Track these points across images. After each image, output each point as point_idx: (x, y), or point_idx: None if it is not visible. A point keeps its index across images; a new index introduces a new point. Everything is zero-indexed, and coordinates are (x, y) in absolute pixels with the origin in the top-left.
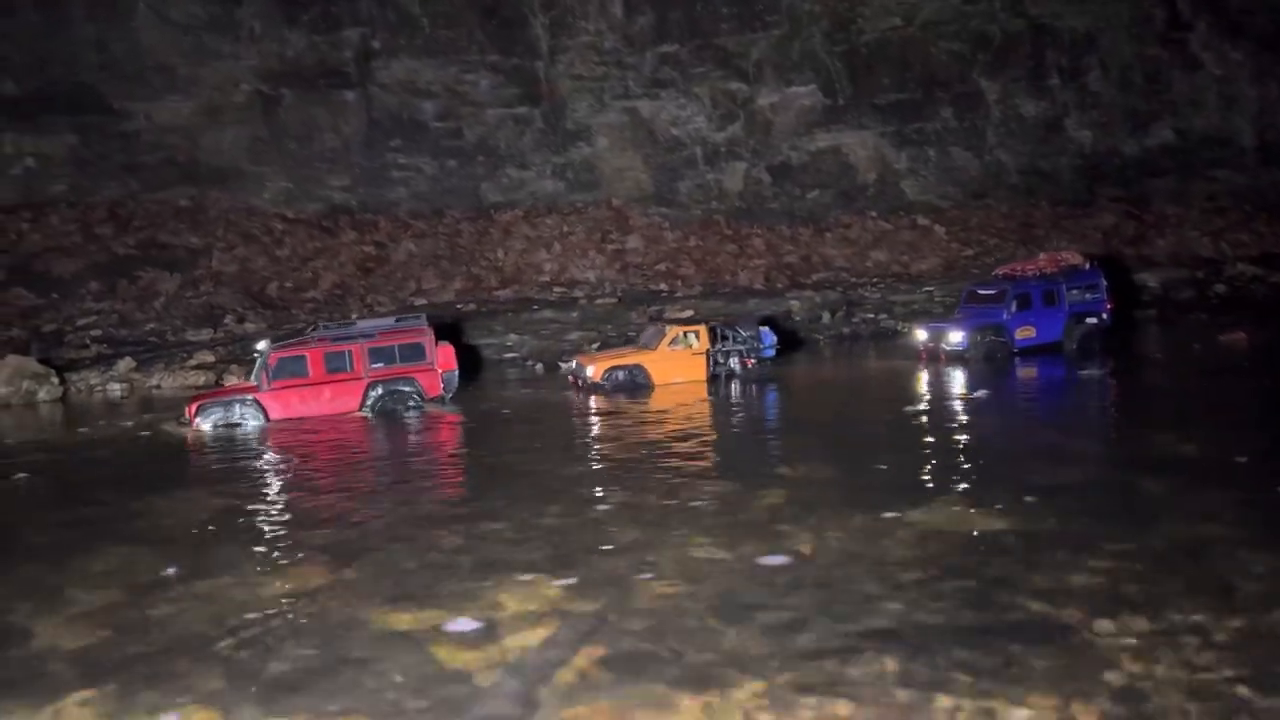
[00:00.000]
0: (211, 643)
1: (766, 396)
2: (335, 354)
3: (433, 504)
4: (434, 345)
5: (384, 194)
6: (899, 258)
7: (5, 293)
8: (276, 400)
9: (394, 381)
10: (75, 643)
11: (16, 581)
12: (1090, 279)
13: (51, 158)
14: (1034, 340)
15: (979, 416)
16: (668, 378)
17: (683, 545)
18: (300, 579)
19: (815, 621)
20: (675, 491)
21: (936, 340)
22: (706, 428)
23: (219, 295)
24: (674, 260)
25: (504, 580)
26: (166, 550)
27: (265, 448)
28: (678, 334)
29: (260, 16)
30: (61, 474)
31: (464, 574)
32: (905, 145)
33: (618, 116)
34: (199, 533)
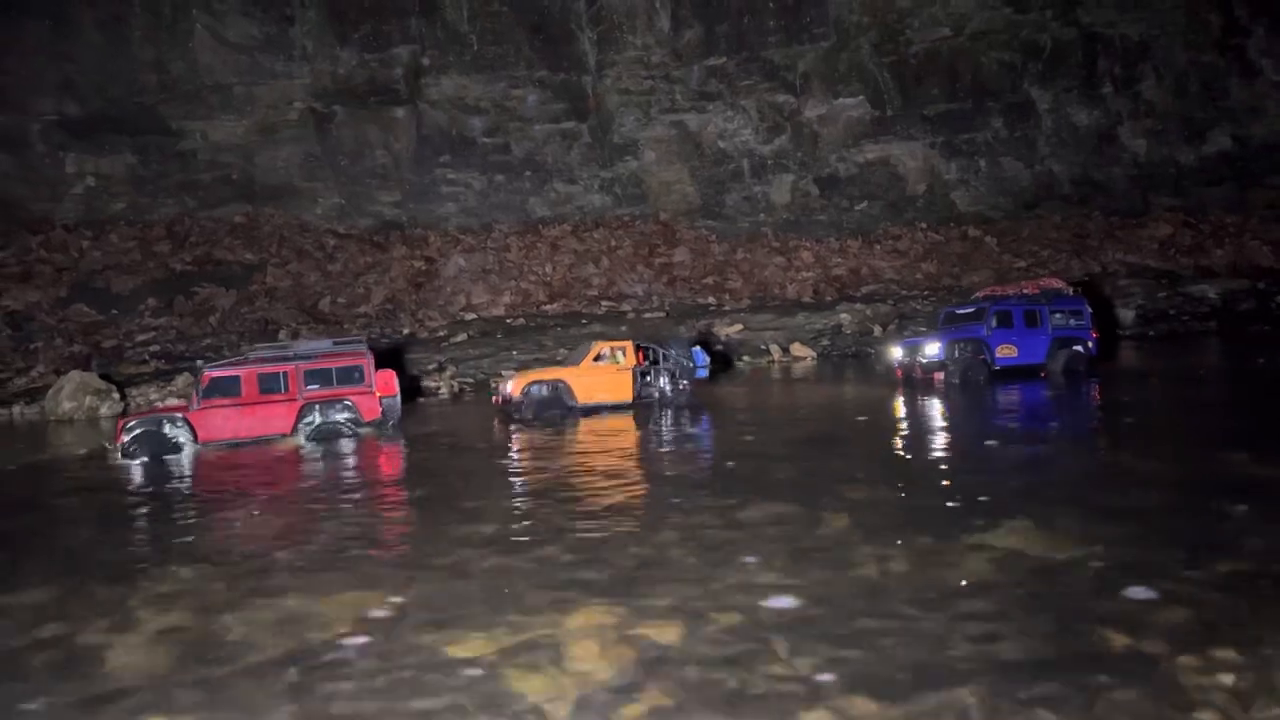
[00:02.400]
0: (281, 669)
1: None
2: (270, 375)
3: (473, 525)
4: (373, 369)
5: (433, 209)
6: (950, 269)
7: (67, 309)
8: (206, 419)
9: (330, 404)
10: (149, 664)
11: (90, 600)
12: (1074, 305)
13: (111, 177)
14: (1015, 360)
15: (1030, 434)
16: (592, 395)
17: (744, 570)
18: (358, 604)
19: (887, 651)
20: (731, 513)
21: (913, 356)
22: (747, 445)
23: (273, 310)
24: (721, 273)
25: (563, 606)
26: (230, 571)
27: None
28: (603, 349)
29: (313, 36)
30: (122, 491)
31: (521, 599)
32: (955, 156)
33: (664, 130)
34: (256, 552)
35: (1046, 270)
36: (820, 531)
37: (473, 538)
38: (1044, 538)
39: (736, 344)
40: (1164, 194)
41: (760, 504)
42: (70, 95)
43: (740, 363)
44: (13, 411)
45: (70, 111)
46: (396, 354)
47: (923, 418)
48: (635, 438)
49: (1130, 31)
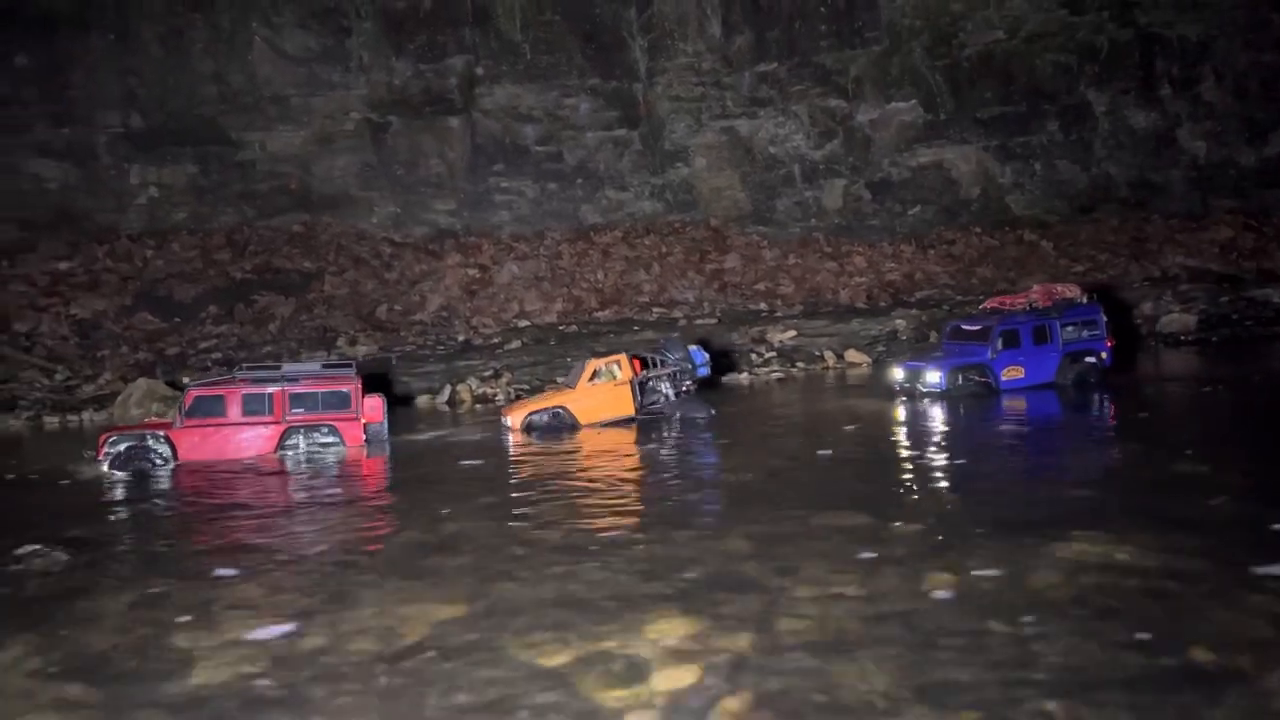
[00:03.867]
0: (367, 677)
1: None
2: (254, 396)
3: (538, 532)
4: (360, 395)
5: (487, 217)
6: (1005, 274)
7: (132, 317)
8: (188, 438)
9: (314, 428)
10: (235, 671)
11: (177, 606)
12: (1088, 314)
13: (173, 187)
14: (1022, 382)
15: (1096, 440)
16: (594, 416)
17: (819, 581)
18: (436, 611)
19: (968, 663)
20: (804, 522)
21: (913, 381)
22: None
23: (331, 318)
24: (773, 279)
25: (639, 615)
26: (307, 579)
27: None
28: (598, 367)
29: (369, 47)
30: (196, 498)
31: (596, 607)
32: (1010, 159)
33: (715, 136)
34: (330, 560)
35: (1105, 274)
36: (890, 541)
37: (539, 545)
38: (1124, 550)
39: (789, 349)
40: (1224, 196)
41: (827, 514)
42: (134, 108)
43: (749, 373)
44: (82, 418)
45: (134, 124)
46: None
47: (963, 430)
48: (683, 448)
49: (1189, 32)
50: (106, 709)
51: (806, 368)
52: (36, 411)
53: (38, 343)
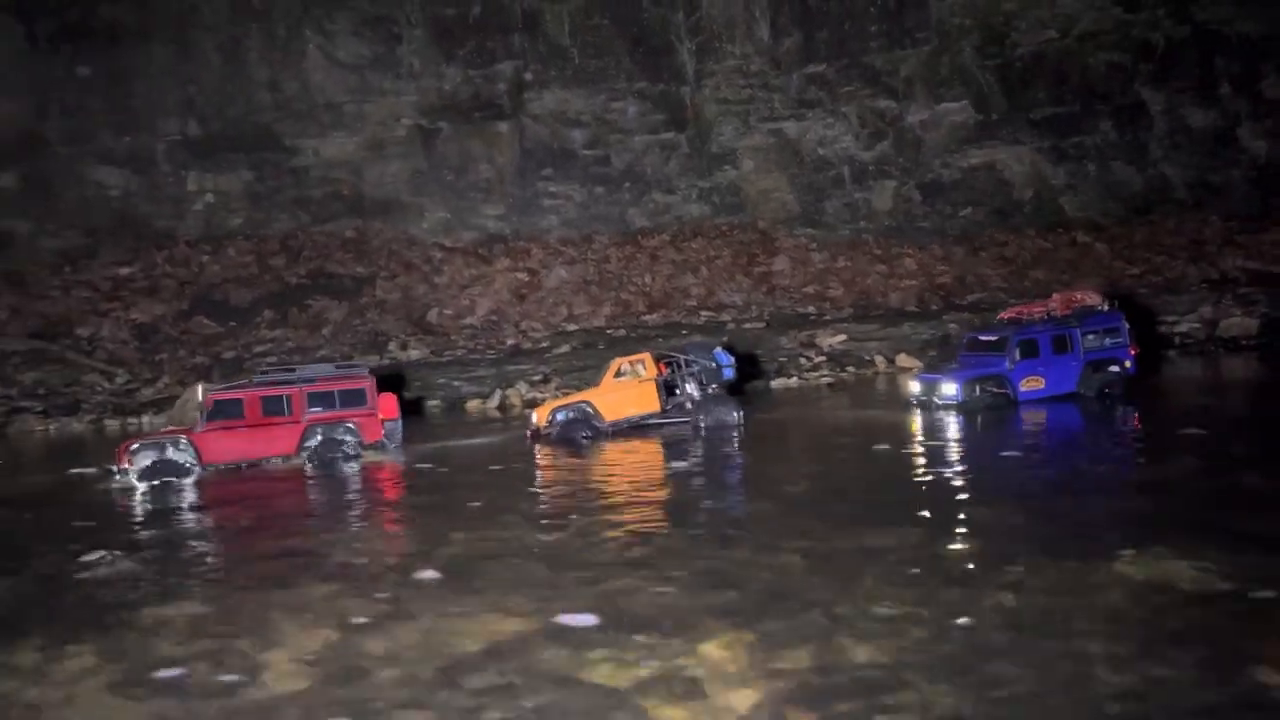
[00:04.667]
0: (433, 691)
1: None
2: (273, 397)
3: (592, 546)
4: (375, 392)
5: (535, 221)
6: (1059, 276)
7: (189, 321)
8: (210, 441)
9: (332, 426)
10: (301, 684)
11: (239, 615)
12: (1110, 322)
13: (229, 193)
14: (1042, 393)
15: (1151, 453)
16: (619, 412)
17: (874, 597)
18: (492, 625)
19: (1032, 686)
20: (855, 538)
21: (930, 393)
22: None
23: (383, 322)
24: (822, 282)
25: (695, 632)
26: (362, 589)
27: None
28: (622, 366)
29: (420, 54)
30: (256, 505)
31: (651, 624)
32: (1063, 160)
33: (763, 138)
34: (383, 571)
35: (1161, 277)
36: (945, 557)
37: (595, 559)
38: (1184, 566)
39: (839, 353)
40: None
41: (878, 531)
42: (192, 116)
43: (799, 377)
44: (142, 421)
45: (192, 132)
46: (496, 364)
47: (1001, 443)
48: (720, 460)
49: (1248, 28)
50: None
51: (857, 372)
52: (98, 414)
53: (99, 346)
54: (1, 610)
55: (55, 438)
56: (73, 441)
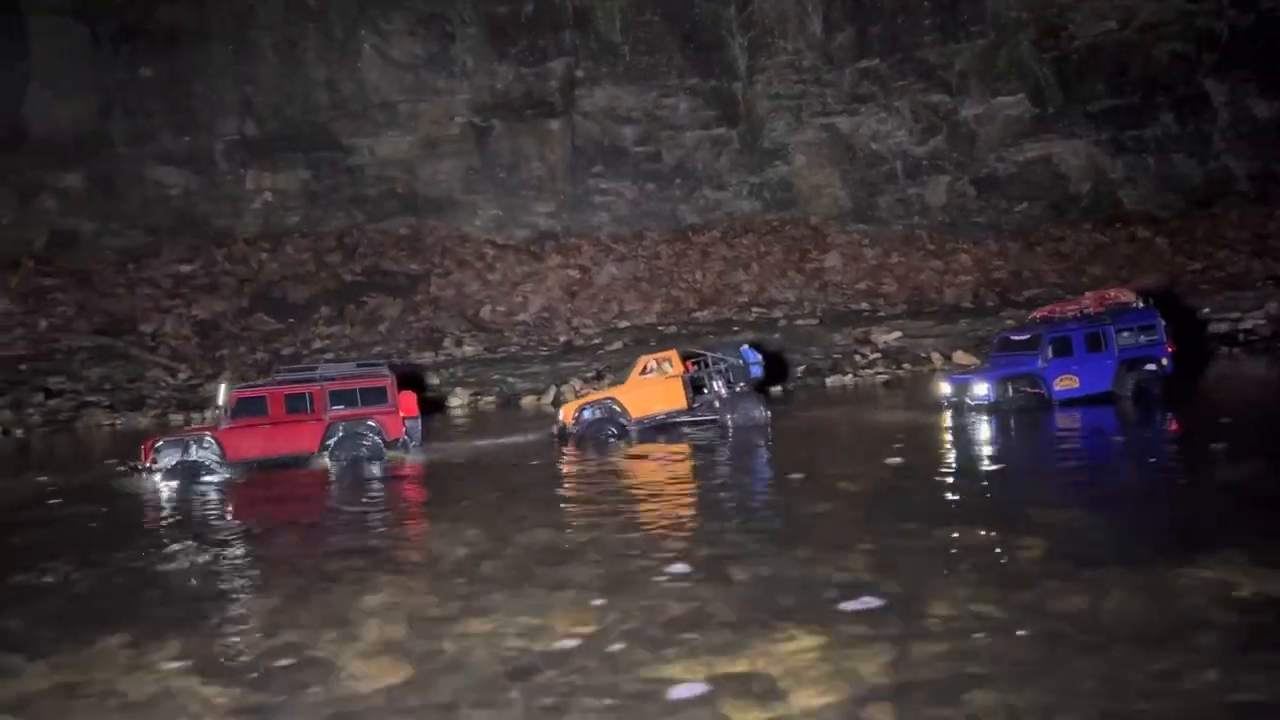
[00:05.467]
0: (501, 689)
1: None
2: (295, 395)
3: (657, 542)
4: (396, 390)
5: (586, 218)
6: (1118, 272)
7: (249, 318)
8: (234, 438)
9: (354, 423)
10: (380, 681)
11: (315, 611)
12: (1145, 319)
13: (287, 192)
14: (1077, 392)
15: (1210, 453)
16: (646, 408)
17: (949, 600)
18: (564, 621)
19: (1112, 694)
20: (923, 536)
21: (961, 394)
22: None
23: (438, 319)
24: (875, 278)
25: (767, 633)
26: (436, 584)
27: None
28: (649, 363)
29: (473, 52)
30: (310, 501)
31: (722, 624)
32: (1121, 153)
33: (815, 133)
34: (448, 567)
35: (1224, 272)
36: (1017, 558)
37: (661, 556)
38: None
39: (894, 350)
40: None
41: (945, 529)
42: (250, 116)
43: (854, 374)
44: (205, 415)
45: (250, 131)
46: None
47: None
48: (782, 458)
49: None
50: (258, 714)
51: (913, 369)
52: (163, 409)
53: (162, 342)
54: (90, 603)
55: (122, 432)
56: (138, 436)
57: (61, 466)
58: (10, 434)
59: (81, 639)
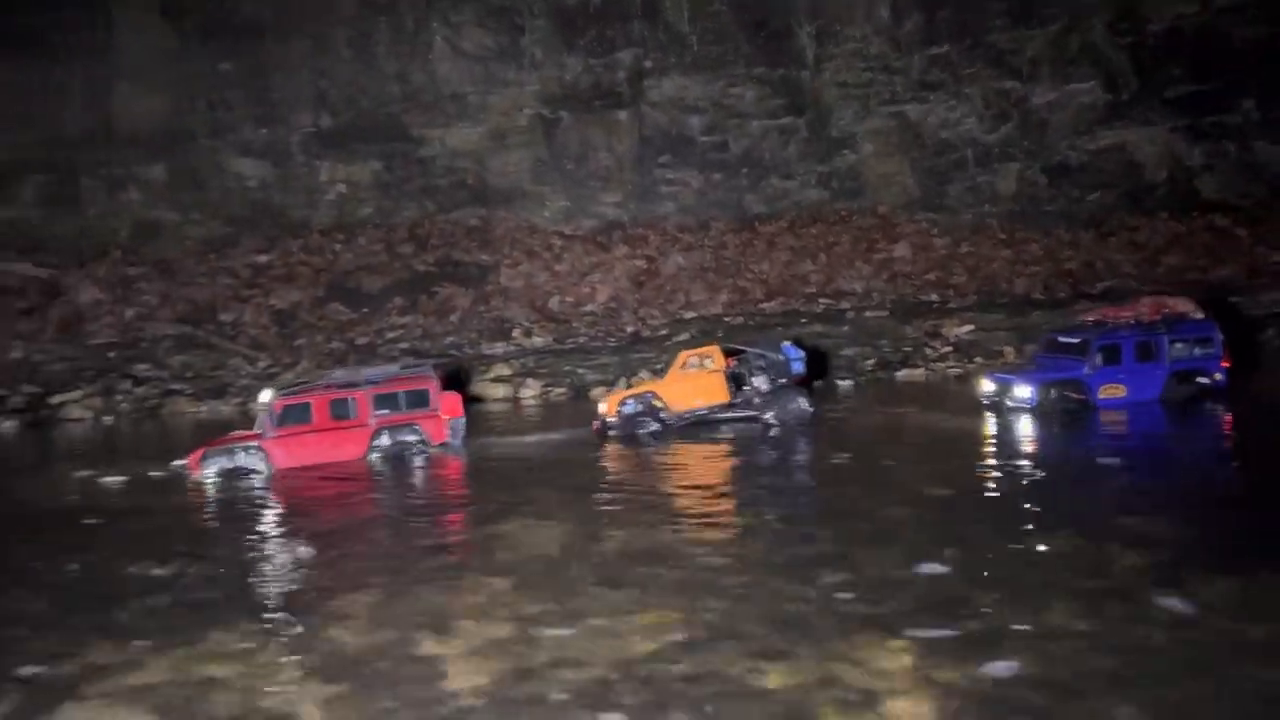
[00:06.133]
0: (609, 688)
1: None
2: (339, 400)
3: (735, 546)
4: (439, 392)
5: (653, 208)
6: (1195, 263)
7: (324, 308)
8: (281, 447)
9: (399, 428)
10: (482, 678)
11: (414, 608)
12: (1202, 331)
13: (359, 183)
14: (1124, 400)
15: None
16: (687, 402)
17: (1042, 609)
18: (658, 624)
19: (1215, 702)
20: (1014, 544)
21: (1002, 394)
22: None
23: (507, 309)
24: (945, 268)
25: (857, 638)
26: (526, 584)
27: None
28: (689, 358)
29: (542, 44)
30: (392, 500)
31: (811, 629)
32: (1199, 140)
33: (883, 121)
34: (542, 565)
35: None
36: (1111, 569)
37: (743, 560)
38: None
39: (967, 344)
40: None
41: (1036, 536)
42: (325, 108)
43: (926, 368)
44: (259, 400)
45: (324, 124)
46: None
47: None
48: (857, 459)
49: None
50: (366, 712)
51: (986, 363)
52: (245, 398)
53: (241, 331)
54: (200, 595)
55: (205, 420)
56: (220, 424)
57: (133, 457)
58: (100, 420)
59: (195, 631)
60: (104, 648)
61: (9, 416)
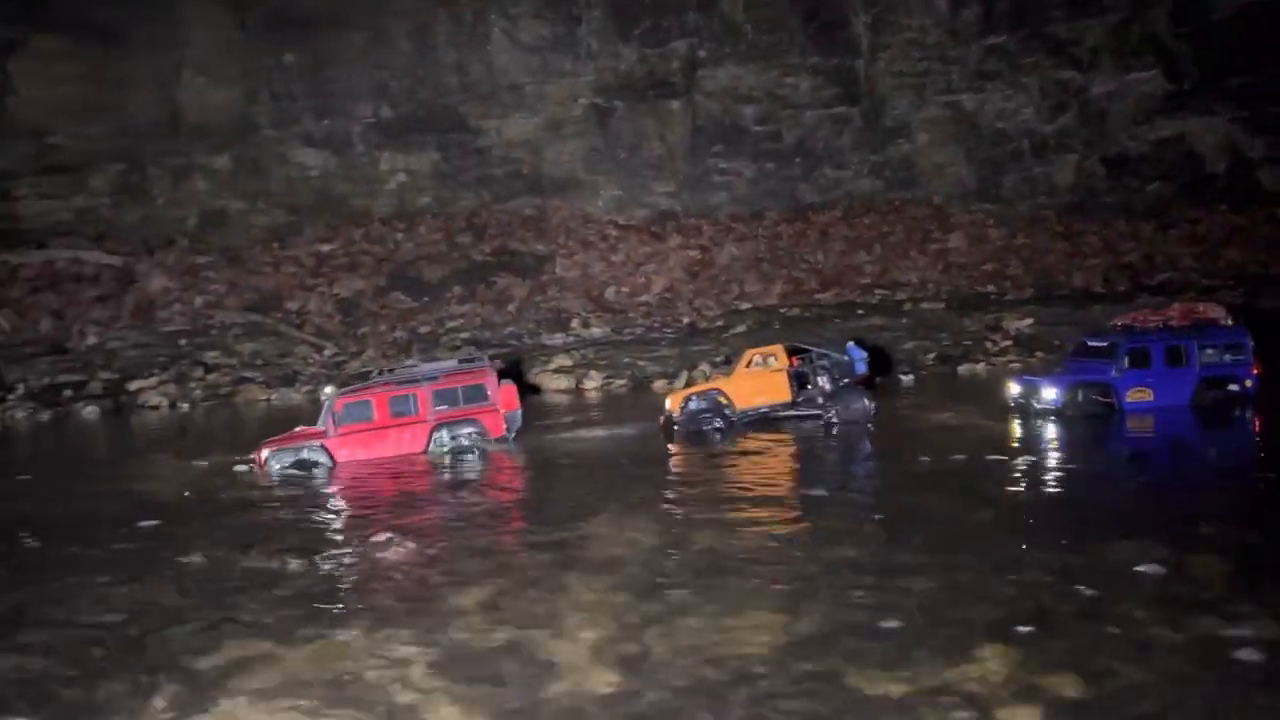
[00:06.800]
0: (723, 691)
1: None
2: (399, 397)
3: (834, 548)
4: (497, 386)
5: (706, 198)
6: (1257, 256)
7: (386, 296)
8: (343, 445)
9: (458, 423)
10: (600, 681)
11: (528, 606)
12: (1233, 338)
13: (418, 172)
14: (1151, 405)
15: None
16: (750, 400)
17: (1132, 620)
18: (763, 626)
19: None
20: (1097, 551)
21: (1029, 396)
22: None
23: (563, 299)
24: (1000, 260)
25: (960, 646)
26: (627, 583)
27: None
28: (754, 356)
29: (597, 34)
30: (486, 494)
31: (914, 636)
32: (1262, 131)
33: (939, 111)
34: (639, 565)
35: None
36: (1194, 579)
37: (830, 559)
38: None
39: (1027, 338)
40: None
41: (1118, 544)
42: (384, 99)
43: (986, 362)
44: (328, 390)
45: (384, 114)
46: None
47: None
48: (931, 457)
49: None
50: (493, 713)
51: (1046, 357)
52: (315, 385)
53: (307, 320)
54: (316, 588)
55: (277, 407)
56: (291, 412)
57: (224, 445)
58: (176, 407)
59: (321, 627)
60: (240, 642)
61: (90, 403)
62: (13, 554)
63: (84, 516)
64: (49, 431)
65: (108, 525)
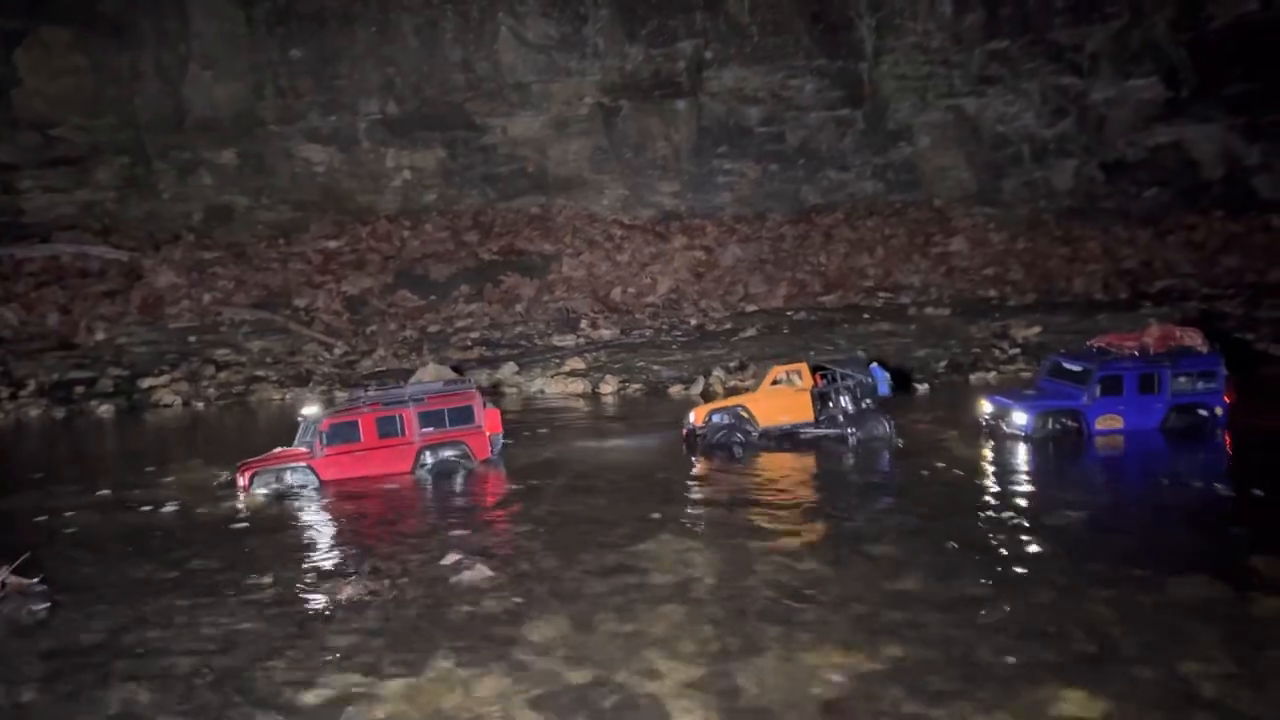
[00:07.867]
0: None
1: None
2: (386, 418)
3: (894, 579)
4: (482, 408)
5: (710, 199)
6: (1254, 264)
7: (394, 294)
8: (330, 466)
9: (444, 445)
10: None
11: (607, 639)
12: (1207, 365)
13: (424, 170)
14: (1119, 430)
15: None
16: (774, 418)
17: (1206, 658)
18: (844, 662)
19: None
20: (1158, 588)
21: (1000, 419)
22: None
23: (571, 299)
24: (1002, 264)
25: (1037, 683)
26: (699, 613)
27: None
28: (779, 374)
29: (604, 34)
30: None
31: (990, 671)
32: (1259, 138)
33: (941, 115)
34: (707, 593)
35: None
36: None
37: (895, 590)
38: None
39: (1035, 346)
40: None
41: (1179, 580)
42: (391, 96)
43: (996, 370)
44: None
45: (390, 111)
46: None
47: None
48: (967, 480)
49: None
50: None
51: None
52: (328, 384)
53: (315, 317)
54: (396, 613)
55: (290, 406)
56: None
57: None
58: (190, 405)
59: (412, 657)
60: (339, 675)
61: (103, 401)
62: (78, 574)
63: (137, 530)
64: (66, 431)
65: (160, 540)
